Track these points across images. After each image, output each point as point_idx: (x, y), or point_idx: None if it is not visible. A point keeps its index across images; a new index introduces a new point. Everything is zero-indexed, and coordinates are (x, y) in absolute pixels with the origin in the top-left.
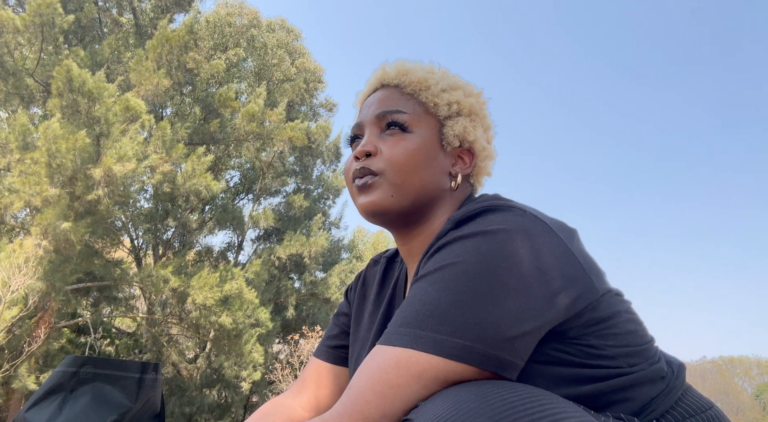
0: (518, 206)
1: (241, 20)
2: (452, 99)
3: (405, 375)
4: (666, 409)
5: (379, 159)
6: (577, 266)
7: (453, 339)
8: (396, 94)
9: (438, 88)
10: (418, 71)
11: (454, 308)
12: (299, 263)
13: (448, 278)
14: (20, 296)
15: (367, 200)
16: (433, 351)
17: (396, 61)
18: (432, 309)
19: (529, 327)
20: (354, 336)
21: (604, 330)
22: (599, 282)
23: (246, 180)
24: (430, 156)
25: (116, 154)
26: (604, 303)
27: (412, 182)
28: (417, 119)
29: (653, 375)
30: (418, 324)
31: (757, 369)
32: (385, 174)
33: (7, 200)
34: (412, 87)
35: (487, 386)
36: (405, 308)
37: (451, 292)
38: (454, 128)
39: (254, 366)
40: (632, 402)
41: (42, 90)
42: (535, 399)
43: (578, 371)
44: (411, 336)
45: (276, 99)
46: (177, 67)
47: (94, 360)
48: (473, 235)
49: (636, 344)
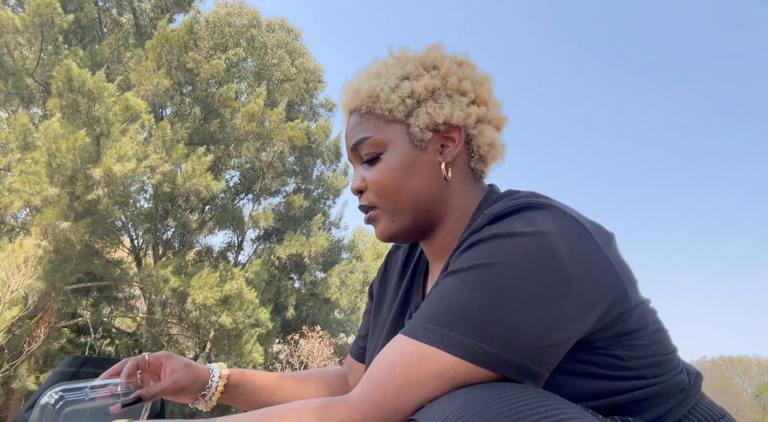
0: (557, 205)
1: (241, 20)
2: (404, 94)
3: (425, 373)
4: (679, 418)
5: (369, 192)
6: (614, 274)
7: (480, 345)
8: (357, 119)
9: (387, 92)
10: (366, 83)
11: (485, 312)
12: (299, 263)
13: (482, 280)
14: (20, 296)
15: (377, 232)
16: (458, 354)
17: (347, 82)
18: (463, 310)
19: (561, 337)
20: (374, 323)
21: (632, 341)
22: (633, 292)
23: (246, 180)
24: (409, 164)
25: (116, 154)
26: (636, 315)
27: (402, 200)
28: (382, 135)
29: (674, 386)
30: (447, 323)
31: (757, 369)
32: (378, 205)
33: (7, 199)
34: (366, 105)
35: (495, 388)
36: (434, 303)
37: (483, 294)
38: (419, 122)
39: (254, 366)
40: (648, 412)
41: (42, 90)
42: (542, 403)
43: (601, 383)
44: (438, 335)
45: (276, 99)
46: (177, 67)
47: (94, 360)
48: (511, 235)
49: (660, 354)
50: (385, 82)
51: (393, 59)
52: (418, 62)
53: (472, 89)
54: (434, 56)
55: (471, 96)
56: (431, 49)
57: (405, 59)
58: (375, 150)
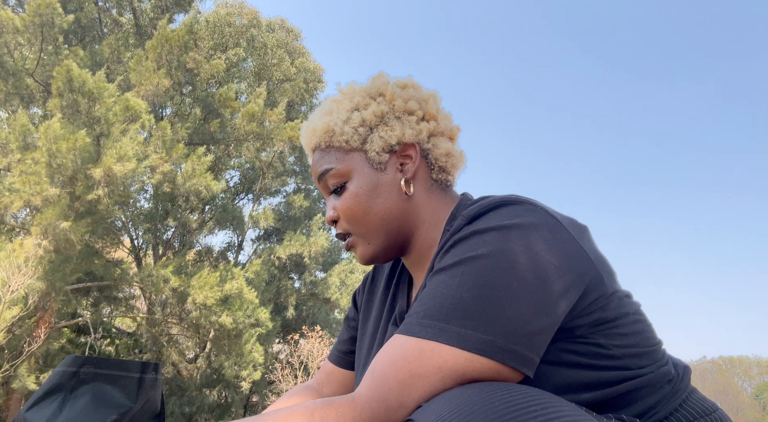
0: (529, 201)
1: (240, 20)
2: (355, 124)
3: (427, 366)
4: (670, 411)
5: (342, 221)
6: (588, 261)
7: (476, 333)
8: (319, 154)
9: (340, 125)
10: (320, 121)
11: (477, 303)
12: (299, 263)
13: (469, 272)
14: (20, 296)
15: (357, 257)
16: (457, 345)
17: (304, 125)
18: (455, 303)
19: (546, 322)
20: (362, 332)
21: (611, 329)
22: (609, 280)
23: (246, 180)
24: (371, 187)
25: (116, 154)
26: (614, 303)
27: (372, 222)
28: (343, 164)
29: (660, 377)
30: (442, 318)
31: (757, 369)
32: (351, 231)
33: (7, 199)
34: (324, 141)
35: (490, 387)
36: (427, 300)
37: (472, 286)
38: (374, 146)
39: (254, 366)
40: (638, 404)
41: (42, 90)
42: (538, 402)
43: (585, 373)
44: (436, 329)
45: (276, 99)
46: (177, 67)
47: (94, 360)
48: (489, 230)
49: (644, 345)
50: (337, 116)
51: (341, 95)
52: (364, 93)
53: (419, 107)
54: (378, 84)
55: (419, 114)
56: (375, 78)
57: (352, 92)
58: (340, 180)
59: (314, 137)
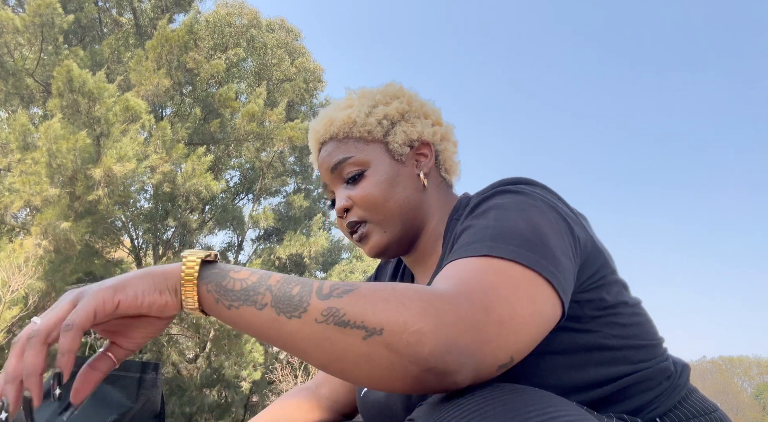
0: (534, 182)
1: (240, 20)
2: (379, 116)
3: (495, 274)
4: (669, 408)
5: (356, 208)
6: (589, 232)
7: (522, 251)
8: (335, 144)
9: (363, 117)
10: (340, 113)
11: (512, 232)
12: (299, 263)
13: (498, 216)
14: (20, 296)
15: (369, 247)
16: (509, 257)
17: (317, 119)
18: (496, 231)
19: (568, 264)
20: None
21: (611, 317)
22: (611, 261)
23: (246, 180)
24: (392, 176)
25: (116, 154)
26: (615, 288)
27: (391, 210)
28: (363, 154)
29: (659, 373)
30: (489, 238)
31: (757, 369)
32: (368, 218)
33: (7, 200)
34: (343, 131)
35: (490, 388)
36: (463, 238)
37: (506, 220)
38: (397, 138)
39: (254, 366)
40: (636, 399)
41: (42, 90)
42: (539, 402)
43: (587, 369)
44: (486, 247)
45: (276, 99)
46: (177, 67)
47: None
48: (503, 192)
49: (643, 339)
50: (358, 110)
51: (357, 94)
52: (383, 93)
53: (432, 113)
54: (394, 89)
55: (433, 118)
56: (389, 85)
57: (370, 93)
58: (358, 168)
59: (332, 127)
